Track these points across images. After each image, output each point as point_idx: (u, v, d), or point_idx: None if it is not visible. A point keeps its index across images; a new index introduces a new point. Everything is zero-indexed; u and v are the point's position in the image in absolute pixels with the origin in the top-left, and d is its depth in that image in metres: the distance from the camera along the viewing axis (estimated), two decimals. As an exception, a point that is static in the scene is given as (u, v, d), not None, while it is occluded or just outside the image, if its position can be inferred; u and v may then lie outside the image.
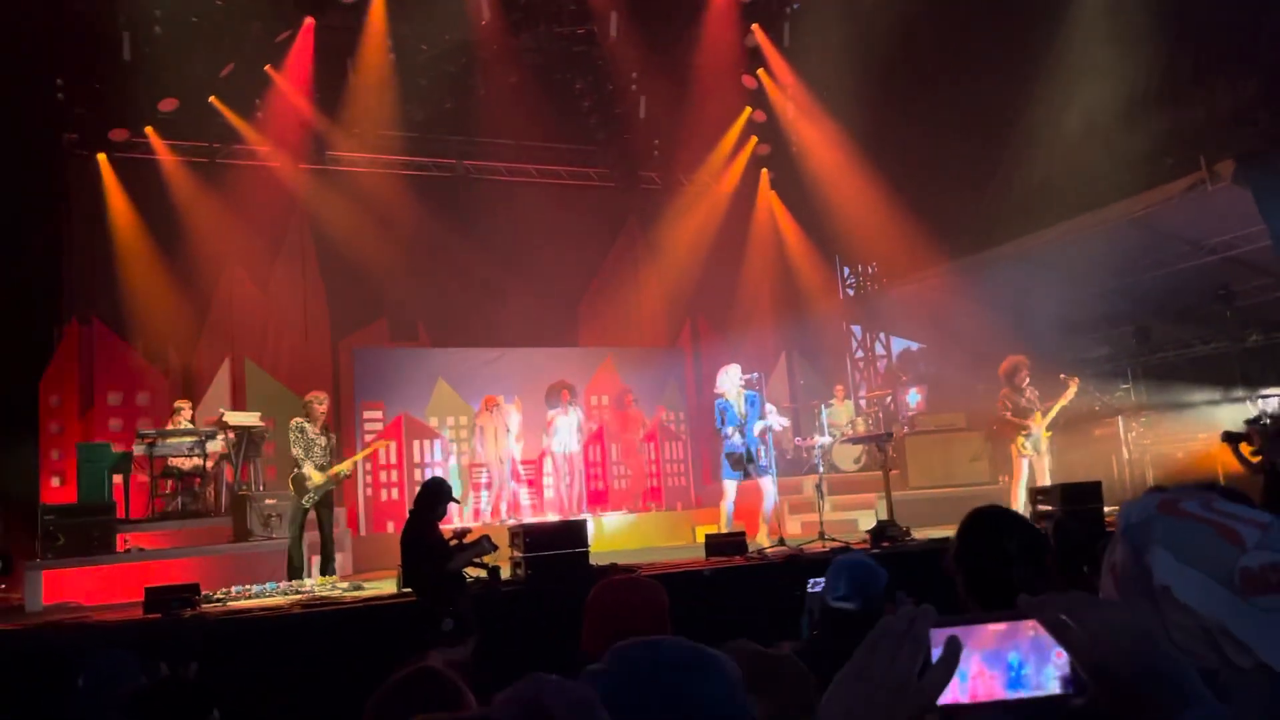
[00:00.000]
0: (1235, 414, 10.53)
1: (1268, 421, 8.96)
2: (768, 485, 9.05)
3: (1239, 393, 11.30)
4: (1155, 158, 10.78)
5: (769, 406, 9.32)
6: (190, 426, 10.59)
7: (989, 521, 2.41)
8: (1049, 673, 0.98)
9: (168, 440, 10.25)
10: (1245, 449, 7.79)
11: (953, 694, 0.96)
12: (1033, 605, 1.00)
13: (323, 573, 8.60)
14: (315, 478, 8.55)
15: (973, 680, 0.97)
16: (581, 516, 10.31)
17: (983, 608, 2.19)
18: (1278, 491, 6.70)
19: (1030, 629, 0.99)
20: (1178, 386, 11.78)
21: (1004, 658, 0.98)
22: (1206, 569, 1.09)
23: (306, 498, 8.55)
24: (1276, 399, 10.95)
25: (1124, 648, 0.96)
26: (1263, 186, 10.00)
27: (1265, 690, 1.01)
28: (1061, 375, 9.98)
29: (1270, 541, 1.08)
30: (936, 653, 0.94)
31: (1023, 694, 0.98)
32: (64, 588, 8.60)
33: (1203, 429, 10.98)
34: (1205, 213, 10.84)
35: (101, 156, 12.53)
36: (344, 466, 9.09)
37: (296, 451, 8.60)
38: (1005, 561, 2.26)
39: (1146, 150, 10.74)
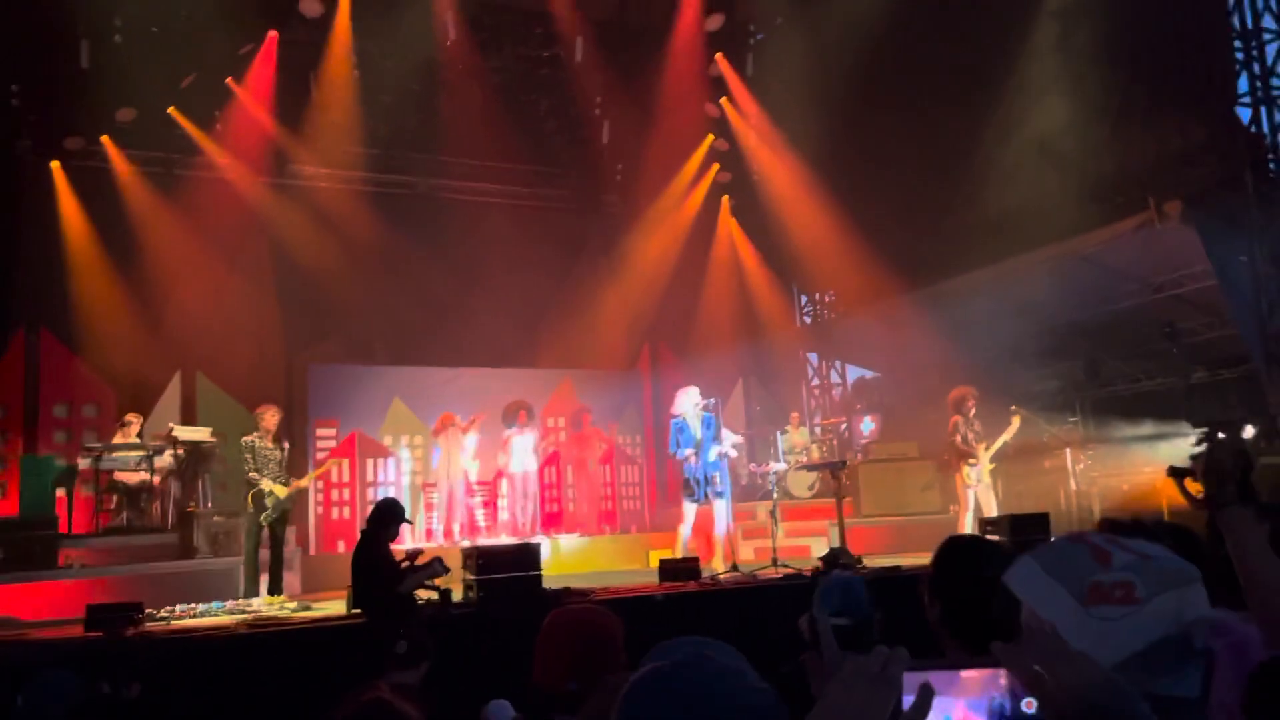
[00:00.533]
0: (1181, 449, 10.75)
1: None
2: (721, 510, 9.07)
3: (1184, 427, 11.53)
4: (1106, 196, 11.03)
5: (725, 432, 9.35)
6: (138, 441, 10.40)
7: (966, 550, 2.43)
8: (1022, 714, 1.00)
9: (114, 454, 10.06)
10: (1190, 484, 7.95)
11: None
12: (1006, 653, 1.01)
13: (270, 592, 8.47)
14: (279, 491, 8.44)
15: None
16: (536, 539, 10.26)
17: (956, 638, 2.21)
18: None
19: (1004, 676, 1.01)
20: (1125, 420, 11.99)
21: (984, 704, 1.00)
22: (1063, 579, 1.19)
23: (265, 515, 8.42)
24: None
25: (1096, 705, 0.98)
26: (1209, 227, 10.26)
27: None
28: (1012, 407, 10.13)
29: (1136, 567, 1.18)
30: (908, 698, 0.95)
31: None
32: (3, 603, 8.37)
33: (1148, 463, 11.19)
34: (1153, 251, 11.11)
35: (55, 164, 12.35)
36: (302, 482, 9.00)
37: (250, 471, 8.48)
38: (985, 590, 2.27)
39: (1098, 188, 11.00)
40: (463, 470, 11.81)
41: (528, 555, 7.41)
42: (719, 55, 14.79)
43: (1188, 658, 1.16)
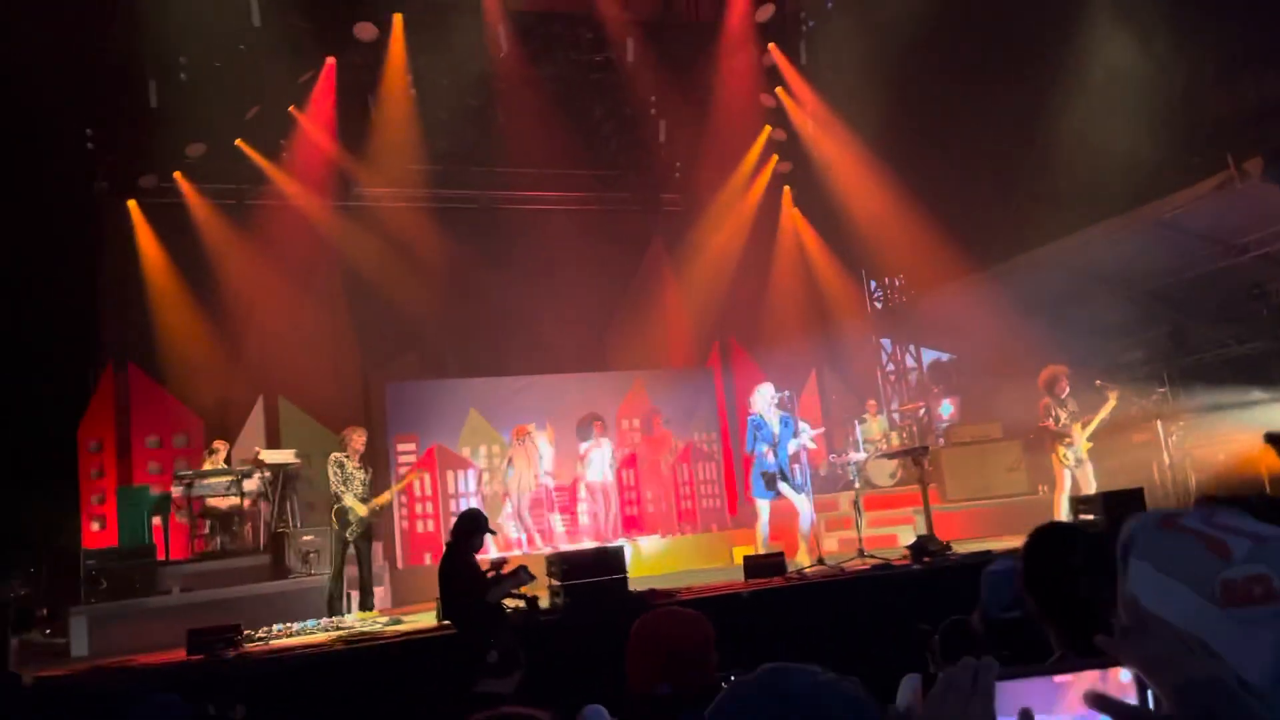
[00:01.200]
0: (1276, 415, 10.36)
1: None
2: (803, 504, 9.00)
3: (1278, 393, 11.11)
4: (1182, 158, 10.68)
5: (802, 425, 9.28)
6: (226, 466, 10.68)
7: (1051, 539, 2.42)
8: None
9: (205, 480, 10.35)
10: (1291, 450, 7.66)
11: None
12: (1112, 645, 0.96)
13: (362, 608, 8.62)
14: (359, 509, 8.60)
15: None
16: (617, 542, 10.29)
17: (1058, 628, 2.19)
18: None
19: (1110, 680, 0.96)
20: (1215, 388, 11.59)
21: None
22: (1187, 580, 1.09)
23: (349, 530, 8.59)
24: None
25: (1206, 704, 0.92)
26: (1294, 182, 9.88)
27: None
28: (1098, 382, 9.86)
29: (1260, 554, 1.08)
30: (1004, 718, 0.91)
31: None
32: (108, 632, 8.66)
33: (1243, 430, 10.80)
34: (1235, 211, 10.72)
35: (132, 203, 12.75)
36: (384, 498, 9.15)
37: (337, 486, 8.66)
38: (1073, 575, 2.26)
39: (1173, 150, 10.65)
40: (542, 479, 11.90)
41: (611, 559, 7.43)
42: (772, 45, 14.67)
43: None
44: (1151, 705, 0.95)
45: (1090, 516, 7.71)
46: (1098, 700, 0.94)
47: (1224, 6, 10.26)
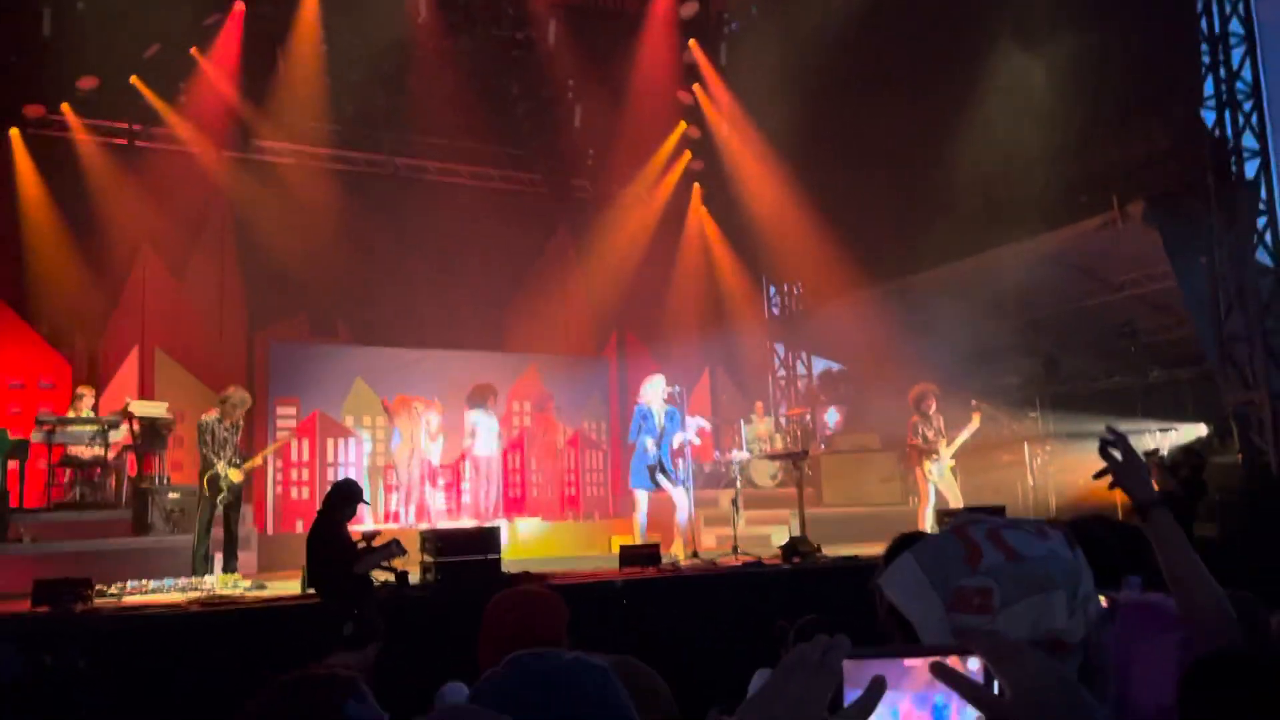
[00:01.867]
0: (1135, 446, 10.89)
1: (1163, 455, 9.33)
2: (681, 497, 9.08)
3: (1141, 425, 11.71)
4: (1071, 196, 11.15)
5: (689, 420, 9.36)
6: (91, 415, 10.23)
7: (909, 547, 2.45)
8: (969, 713, 0.96)
9: (68, 428, 9.89)
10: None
11: None
12: (940, 670, 0.96)
13: (225, 570, 8.37)
14: (232, 475, 8.31)
15: (904, 718, 0.95)
16: (496, 523, 10.22)
17: (904, 631, 2.22)
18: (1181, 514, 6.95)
19: (953, 666, 0.97)
20: (1083, 417, 12.15)
21: (930, 699, 0.96)
22: (933, 578, 1.16)
23: (220, 497, 8.30)
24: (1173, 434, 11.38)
25: (1044, 699, 0.94)
26: (1170, 228, 10.41)
27: None
28: (973, 402, 10.22)
29: (1000, 571, 1.14)
30: (850, 691, 0.91)
31: None
32: (-51, 577, 8.22)
33: (1102, 461, 11.32)
34: (1115, 251, 11.25)
35: (14, 131, 12.10)
36: (255, 461, 8.87)
37: (205, 451, 8.36)
38: None
39: (1063, 189, 11.11)
40: (422, 453, 11.72)
41: (487, 539, 7.38)
42: (693, 42, 14.77)
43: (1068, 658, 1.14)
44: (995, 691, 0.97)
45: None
46: (943, 673, 0.95)
47: (1120, 53, 10.75)
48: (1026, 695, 0.94)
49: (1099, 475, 2.07)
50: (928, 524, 9.22)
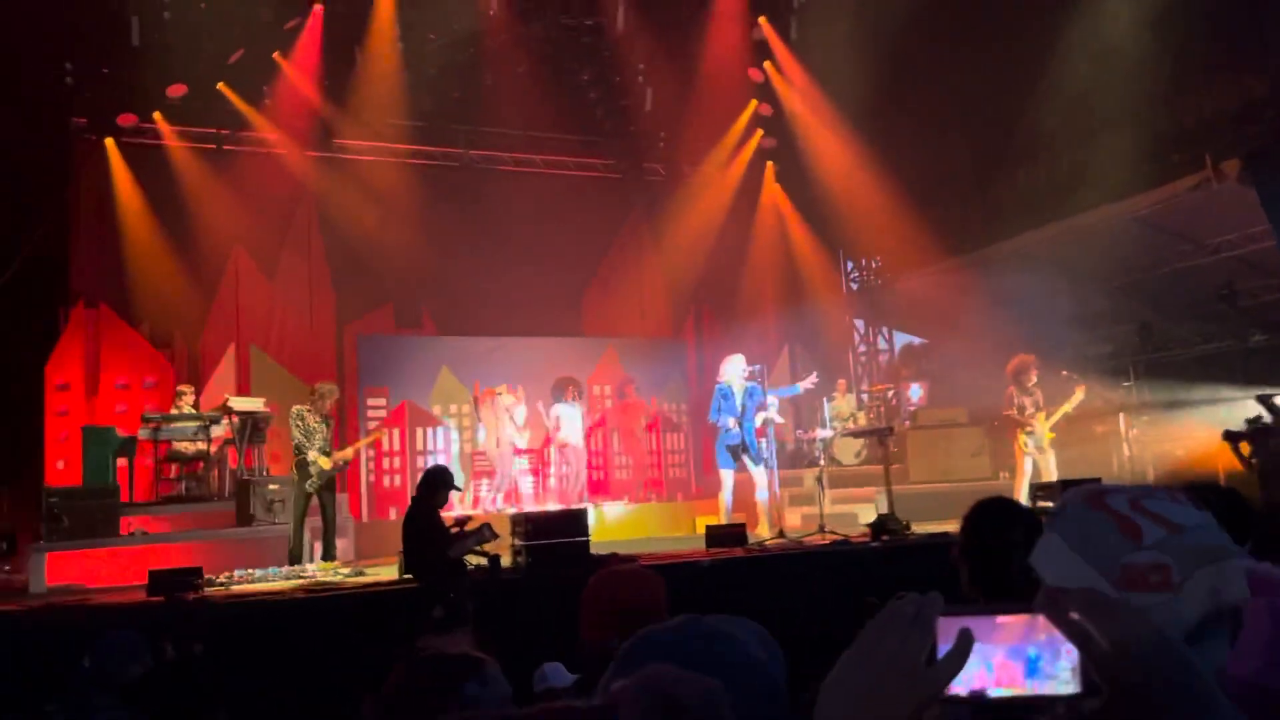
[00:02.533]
0: (1237, 413, 10.54)
1: (1269, 421, 8.99)
2: (761, 476, 9.07)
3: (1241, 391, 11.31)
4: (1161, 155, 10.78)
5: (769, 398, 9.34)
6: (193, 411, 10.62)
7: (994, 512, 2.44)
8: (1062, 665, 0.97)
9: (172, 424, 10.29)
10: (1245, 448, 7.82)
11: (980, 681, 0.95)
12: (1049, 601, 0.97)
13: (324, 558, 8.64)
14: (321, 463, 8.57)
15: (997, 670, 0.96)
16: (582, 506, 10.35)
17: (986, 598, 2.21)
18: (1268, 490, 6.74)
19: (1045, 623, 0.97)
20: (1180, 385, 11.77)
21: (1024, 651, 0.97)
22: (1093, 559, 1.11)
23: (310, 483, 8.56)
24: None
25: (1139, 654, 0.93)
26: (1268, 186, 10.00)
27: None
28: (1064, 373, 9.99)
29: (1169, 544, 1.10)
30: (943, 646, 0.92)
31: (1038, 685, 0.97)
32: (67, 570, 8.66)
33: (1203, 427, 10.98)
34: (1210, 211, 10.84)
35: (109, 141, 12.58)
36: (347, 452, 9.12)
37: (297, 438, 8.62)
38: (1010, 550, 2.28)
39: (1152, 148, 10.73)
40: (510, 440, 11.92)
41: (575, 521, 7.48)
42: (762, 19, 14.61)
43: (1218, 629, 1.11)
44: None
45: (1049, 503, 7.84)
46: (1054, 603, 0.95)
47: (1211, 8, 10.32)
48: (1124, 648, 0.93)
49: (1229, 436, 1.96)
50: (1023, 498, 9.05)
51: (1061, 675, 0.96)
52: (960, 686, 0.94)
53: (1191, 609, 1.08)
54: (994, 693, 0.96)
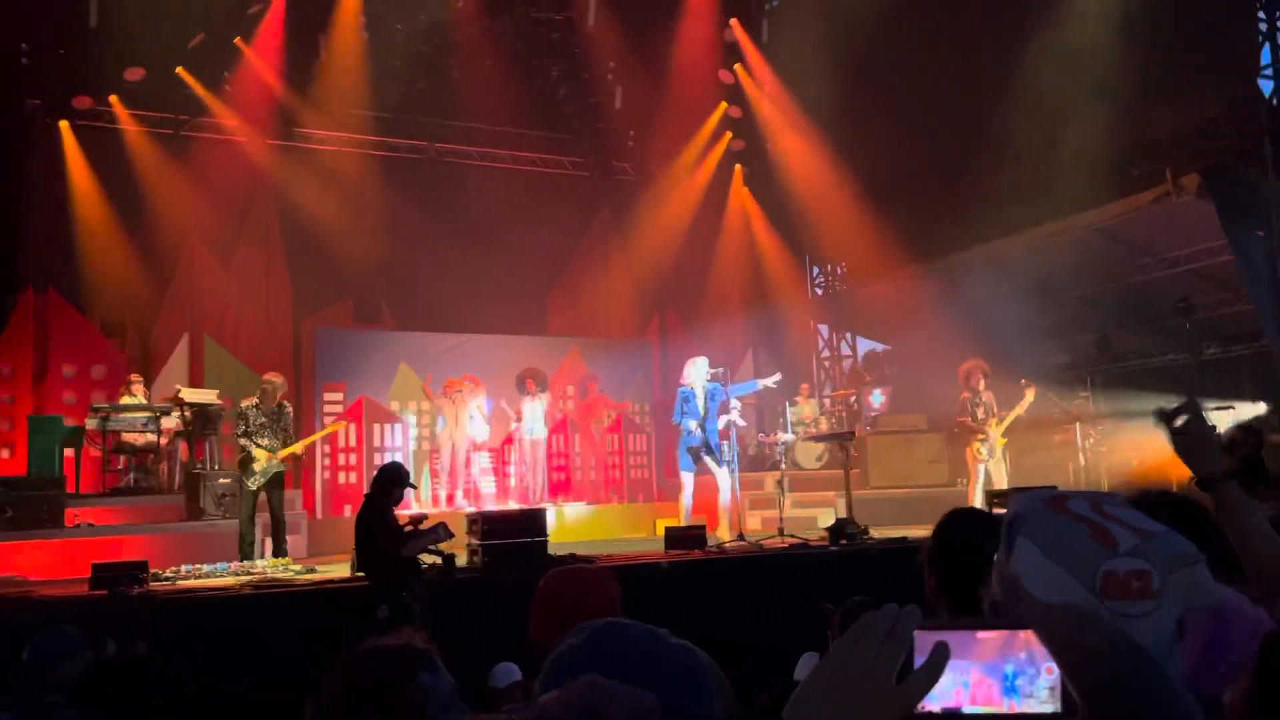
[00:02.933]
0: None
1: (1219, 435, 9.09)
2: (724, 479, 9.05)
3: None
4: (1122, 169, 10.89)
5: (733, 402, 9.32)
6: (142, 401, 10.40)
7: (966, 521, 2.41)
8: (1040, 684, 0.96)
9: (121, 415, 10.07)
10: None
11: (955, 698, 0.94)
12: (1031, 614, 0.96)
13: (275, 555, 8.49)
14: (261, 459, 8.39)
15: (973, 688, 0.95)
16: (541, 505, 10.26)
17: (952, 608, 2.18)
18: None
19: (1024, 640, 0.96)
20: (1136, 396, 11.91)
21: (1001, 669, 0.96)
22: (1070, 566, 1.09)
23: (253, 480, 8.39)
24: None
25: (1117, 668, 0.93)
26: (1226, 201, 10.14)
27: None
28: (1022, 380, 10.06)
29: (1144, 550, 1.09)
30: (919, 660, 0.90)
31: (1015, 704, 0.95)
32: (9, 562, 8.41)
33: (1158, 439, 11.08)
34: (1169, 225, 10.98)
35: (64, 123, 12.27)
36: (295, 448, 8.90)
37: (239, 435, 8.47)
38: (981, 563, 2.25)
39: (1113, 161, 10.84)
40: (468, 436, 11.79)
41: (533, 521, 7.42)
42: (734, 20, 14.62)
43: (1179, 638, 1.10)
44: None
45: (1004, 510, 7.87)
46: (1031, 615, 0.96)
47: (1172, 20, 10.45)
48: (1097, 655, 0.93)
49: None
50: (977, 504, 9.10)
51: (1040, 694, 0.95)
52: (934, 703, 0.92)
53: (1169, 617, 1.07)
54: (969, 710, 0.94)
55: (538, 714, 1.01)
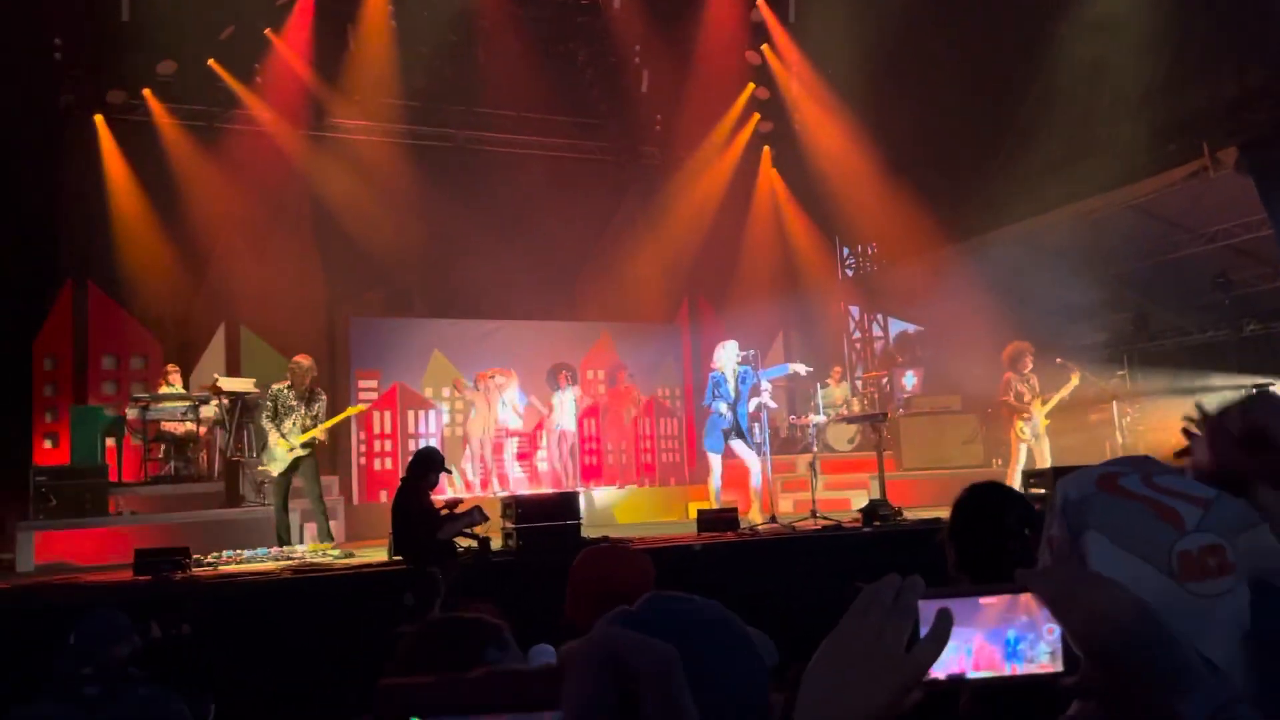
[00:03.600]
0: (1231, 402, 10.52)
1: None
2: (754, 462, 9.05)
3: (1234, 380, 11.30)
4: (1158, 144, 10.73)
5: (764, 384, 9.31)
6: (180, 390, 10.54)
7: (986, 496, 2.41)
8: (1042, 648, 0.96)
9: (161, 404, 10.23)
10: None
11: (959, 665, 0.94)
12: (1030, 577, 0.96)
13: (320, 539, 8.58)
14: (280, 445, 8.35)
15: (976, 654, 0.96)
16: (574, 490, 10.32)
17: (973, 581, 2.19)
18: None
19: (1025, 604, 0.96)
20: (1174, 373, 11.76)
21: (1003, 634, 0.96)
22: (1143, 553, 1.03)
23: (273, 464, 8.37)
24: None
25: (1123, 627, 0.92)
26: (1265, 175, 9.97)
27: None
28: (1059, 360, 9.97)
29: (1210, 522, 1.03)
30: (925, 630, 0.91)
31: (1018, 667, 0.96)
32: (55, 549, 8.59)
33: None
34: (1206, 200, 10.81)
35: (98, 118, 12.43)
36: (315, 432, 8.77)
37: (265, 418, 8.42)
38: (1001, 536, 2.26)
39: (1149, 136, 10.69)
40: (501, 424, 11.89)
41: (566, 505, 7.46)
42: (760, 0, 14.51)
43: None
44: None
45: (1040, 490, 7.83)
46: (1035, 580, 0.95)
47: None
48: (1104, 617, 0.93)
49: (1180, 455, 1.84)
50: (1016, 484, 9.04)
51: (1040, 657, 0.96)
52: (939, 670, 0.92)
53: (1244, 585, 1.02)
54: (973, 675, 0.95)
55: (559, 662, 1.02)
